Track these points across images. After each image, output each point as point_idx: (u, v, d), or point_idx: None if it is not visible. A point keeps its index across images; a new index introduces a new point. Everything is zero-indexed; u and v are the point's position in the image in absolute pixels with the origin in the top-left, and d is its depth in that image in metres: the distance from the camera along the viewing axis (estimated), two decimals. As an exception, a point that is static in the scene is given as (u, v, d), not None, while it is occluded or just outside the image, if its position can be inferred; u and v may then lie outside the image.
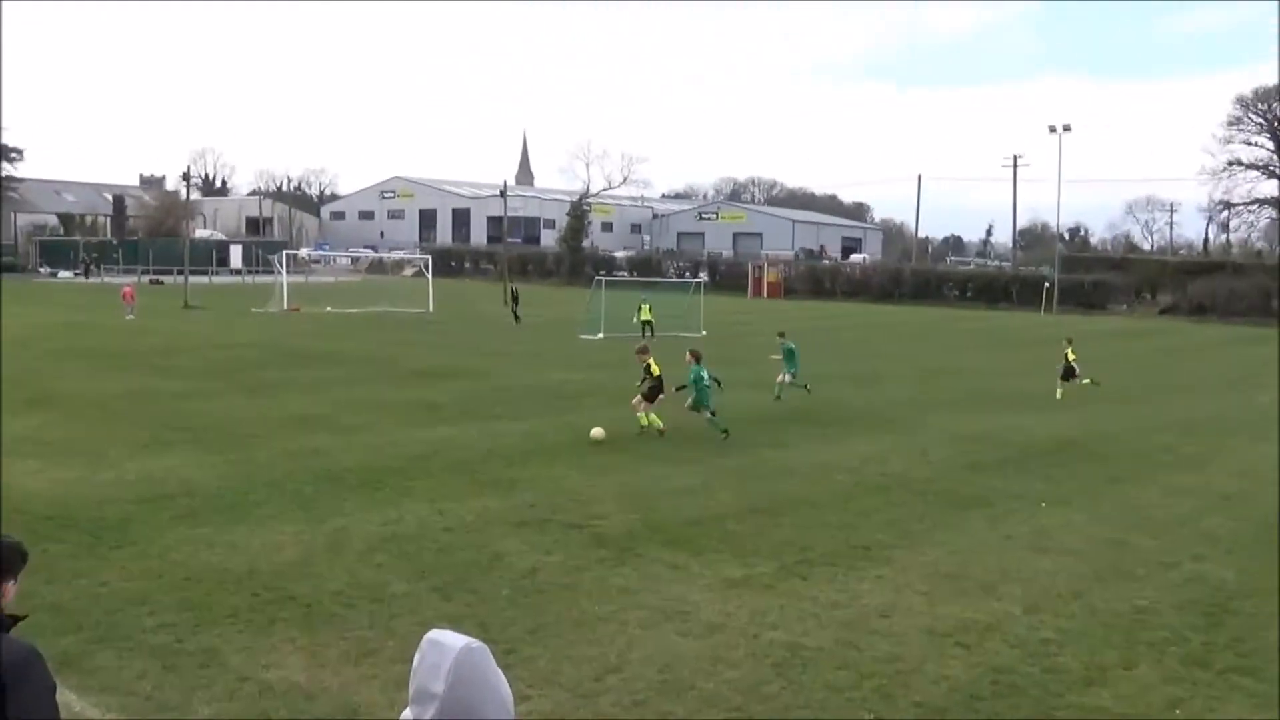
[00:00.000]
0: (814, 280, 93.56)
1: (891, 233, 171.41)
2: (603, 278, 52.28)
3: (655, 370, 21.15)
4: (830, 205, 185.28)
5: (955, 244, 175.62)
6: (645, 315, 43.86)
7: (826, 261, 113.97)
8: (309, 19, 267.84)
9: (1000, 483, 16.98)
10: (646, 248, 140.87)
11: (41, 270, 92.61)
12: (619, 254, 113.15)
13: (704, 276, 79.00)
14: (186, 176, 75.78)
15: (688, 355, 21.68)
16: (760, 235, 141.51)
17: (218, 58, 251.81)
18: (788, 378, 26.69)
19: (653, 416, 20.72)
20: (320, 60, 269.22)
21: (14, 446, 17.55)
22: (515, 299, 54.34)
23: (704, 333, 45.66)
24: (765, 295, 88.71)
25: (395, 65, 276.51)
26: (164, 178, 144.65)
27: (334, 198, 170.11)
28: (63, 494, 14.53)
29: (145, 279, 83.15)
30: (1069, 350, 29.30)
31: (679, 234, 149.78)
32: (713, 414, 20.83)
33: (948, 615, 10.61)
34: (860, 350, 42.24)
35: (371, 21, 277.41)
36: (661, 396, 20.98)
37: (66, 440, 18.34)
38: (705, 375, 20.93)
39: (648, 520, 13.94)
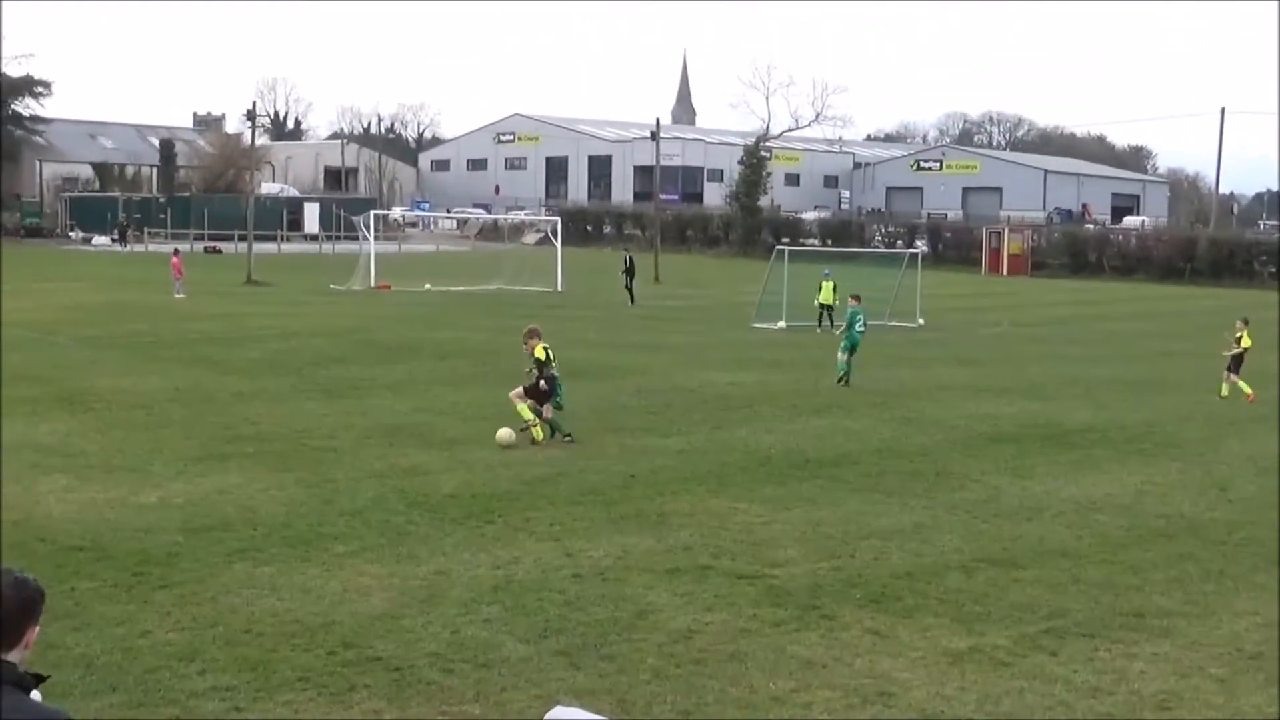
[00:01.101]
0: (1072, 251, 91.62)
1: (1182, 187, 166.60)
2: (786, 247, 52.15)
3: (541, 355, 21.11)
4: (1097, 150, 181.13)
5: (1272, 202, 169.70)
6: (826, 297, 43.47)
7: (1090, 226, 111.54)
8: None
9: (1330, 531, 16.38)
10: (844, 207, 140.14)
11: (72, 235, 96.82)
12: (808, 216, 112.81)
13: (922, 246, 78.12)
14: (251, 115, 78.35)
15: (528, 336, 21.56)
16: (999, 191, 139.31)
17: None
18: (843, 356, 28.84)
19: (532, 418, 20.71)
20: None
21: (38, 459, 18.48)
22: (630, 272, 55.23)
23: (921, 322, 45.23)
24: (1005, 271, 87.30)
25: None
26: (223, 117, 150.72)
27: (436, 142, 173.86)
28: (96, 519, 15.22)
29: (199, 246, 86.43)
30: (1243, 333, 28.08)
31: (888, 189, 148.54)
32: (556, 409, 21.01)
33: (1253, 710, 10.32)
34: (1136, 347, 41.22)
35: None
36: (551, 401, 20.98)
37: (101, 452, 19.20)
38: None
39: (842, 571, 13.90)
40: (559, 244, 65.24)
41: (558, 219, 75.98)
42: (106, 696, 9.89)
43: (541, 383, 20.93)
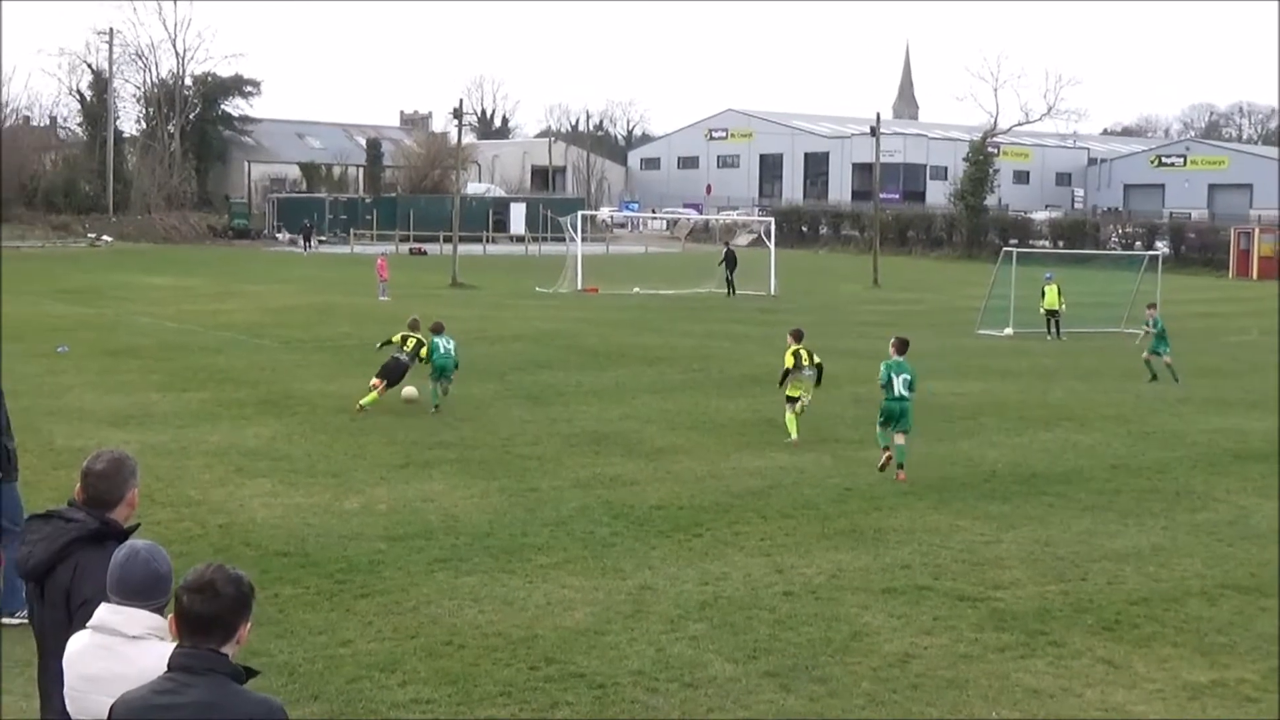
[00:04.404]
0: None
1: None
2: (1014, 249, 51.27)
3: (396, 340, 24.71)
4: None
5: None
6: (1051, 302, 42.61)
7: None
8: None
9: None
10: (1078, 206, 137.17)
11: (279, 236, 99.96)
12: (1038, 215, 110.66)
13: (1163, 248, 76.06)
14: (458, 114, 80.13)
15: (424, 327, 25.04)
16: (1250, 188, 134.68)
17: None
18: (1166, 358, 30.91)
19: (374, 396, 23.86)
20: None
21: (244, 463, 19.18)
22: (730, 263, 57.15)
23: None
24: (1255, 275, 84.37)
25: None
26: (430, 116, 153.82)
27: (645, 139, 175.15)
28: (300, 525, 15.74)
29: (404, 247, 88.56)
30: None
31: (1126, 186, 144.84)
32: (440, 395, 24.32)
33: None
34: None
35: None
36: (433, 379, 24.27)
37: (306, 456, 19.84)
38: (450, 348, 24.58)
39: (1072, 594, 13.64)
40: (772, 245, 65.06)
41: (771, 219, 75.86)
42: (308, 705, 10.21)
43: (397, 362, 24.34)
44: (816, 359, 22.21)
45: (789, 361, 21.89)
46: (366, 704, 10.32)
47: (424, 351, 24.34)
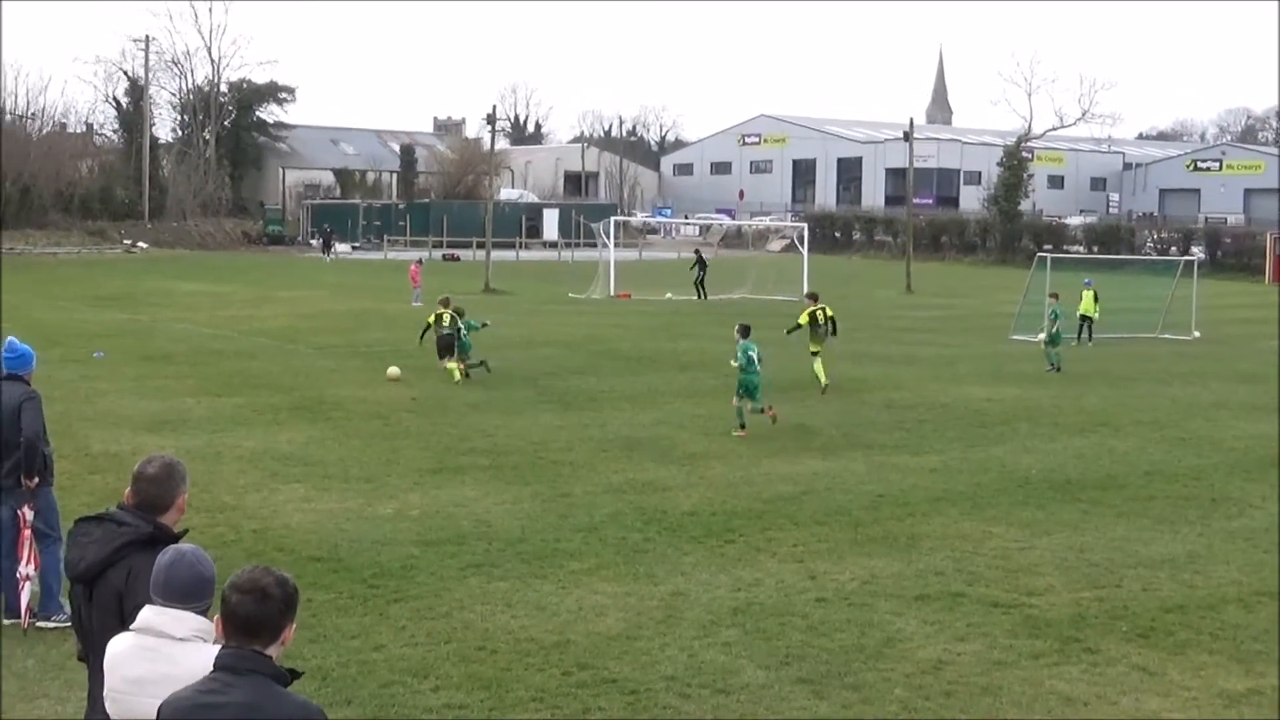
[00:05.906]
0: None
1: None
2: (1048, 254, 51.07)
3: (431, 320, 29.45)
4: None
5: None
6: (1087, 308, 42.39)
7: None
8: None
9: None
10: (1113, 211, 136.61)
11: (313, 242, 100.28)
12: (1073, 220, 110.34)
13: (1198, 253, 75.64)
14: (491, 119, 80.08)
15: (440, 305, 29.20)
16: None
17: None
18: (1056, 346, 33.60)
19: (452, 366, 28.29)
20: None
21: (278, 468, 19.26)
22: (702, 265, 58.89)
23: (1197, 334, 43.82)
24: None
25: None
26: (463, 122, 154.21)
27: (678, 145, 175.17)
28: (333, 530, 15.79)
29: (437, 254, 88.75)
30: None
31: (1162, 191, 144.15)
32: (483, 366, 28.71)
33: None
34: None
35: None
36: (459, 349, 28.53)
37: (339, 461, 19.90)
38: (468, 329, 28.91)
39: (1107, 601, 13.57)
40: (805, 251, 65.05)
41: (804, 225, 75.79)
42: (342, 710, 10.24)
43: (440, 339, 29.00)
44: (830, 312, 27.46)
45: (804, 320, 27.58)
46: (399, 709, 10.35)
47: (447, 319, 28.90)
